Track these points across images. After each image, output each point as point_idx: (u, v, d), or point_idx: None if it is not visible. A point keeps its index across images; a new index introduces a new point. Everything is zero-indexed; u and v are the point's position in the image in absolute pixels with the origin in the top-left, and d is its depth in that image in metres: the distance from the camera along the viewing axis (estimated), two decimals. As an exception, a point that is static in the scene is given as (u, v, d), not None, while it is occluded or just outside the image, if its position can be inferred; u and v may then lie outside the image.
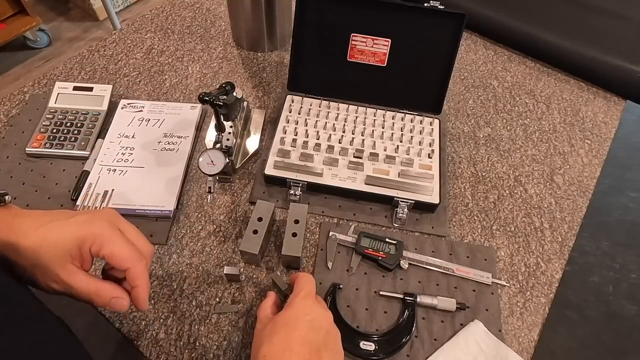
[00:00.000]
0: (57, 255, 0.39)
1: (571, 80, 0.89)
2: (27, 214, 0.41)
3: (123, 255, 0.41)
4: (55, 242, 0.39)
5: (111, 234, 0.41)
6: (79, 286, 0.40)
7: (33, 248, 0.38)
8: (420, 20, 0.69)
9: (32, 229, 0.39)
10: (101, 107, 0.74)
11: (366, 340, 0.54)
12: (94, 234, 0.40)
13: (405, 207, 0.65)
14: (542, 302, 0.60)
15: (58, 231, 0.40)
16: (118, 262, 0.41)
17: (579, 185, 0.73)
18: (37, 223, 0.40)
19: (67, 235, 0.39)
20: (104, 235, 0.40)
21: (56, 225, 0.40)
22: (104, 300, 0.41)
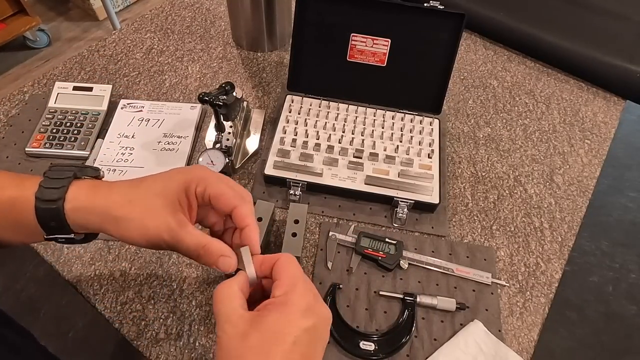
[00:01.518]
0: (166, 204, 0.38)
1: (571, 80, 0.89)
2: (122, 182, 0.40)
3: (229, 194, 0.39)
4: (163, 191, 0.38)
5: (214, 175, 0.40)
6: (189, 239, 0.38)
7: (142, 199, 0.38)
8: (420, 20, 0.69)
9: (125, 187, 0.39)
10: (101, 107, 0.74)
11: (366, 340, 0.54)
12: (198, 176, 0.39)
13: (405, 207, 0.65)
14: (541, 302, 0.60)
15: (161, 180, 0.39)
16: (225, 202, 0.39)
17: (579, 185, 0.73)
18: (134, 182, 0.39)
19: (172, 182, 0.39)
20: (208, 177, 0.39)
21: (158, 177, 0.39)
22: (212, 257, 0.38)
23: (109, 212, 0.38)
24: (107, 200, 0.38)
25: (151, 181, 0.39)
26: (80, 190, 0.38)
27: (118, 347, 1.12)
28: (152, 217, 0.37)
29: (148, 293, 0.58)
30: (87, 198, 0.38)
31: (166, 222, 0.37)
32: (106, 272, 0.60)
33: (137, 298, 0.58)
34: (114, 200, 0.38)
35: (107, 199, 0.38)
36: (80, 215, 0.38)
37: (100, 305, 0.57)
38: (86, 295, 0.58)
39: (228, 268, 0.38)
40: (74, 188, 0.38)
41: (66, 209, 0.37)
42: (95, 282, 0.59)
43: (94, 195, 0.38)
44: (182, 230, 0.38)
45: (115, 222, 0.38)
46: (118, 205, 0.38)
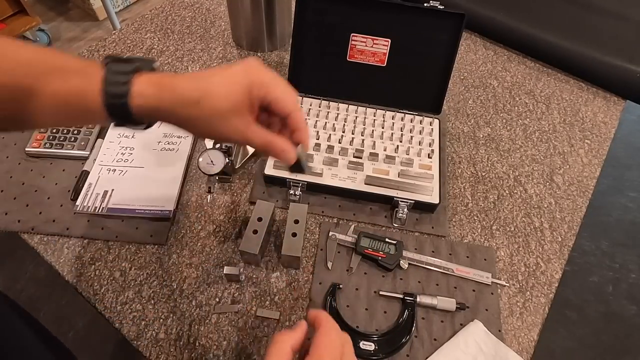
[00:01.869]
0: (232, 107, 0.39)
1: (571, 80, 0.89)
2: (181, 75, 0.40)
3: (287, 99, 0.41)
4: (229, 95, 0.39)
5: (275, 79, 0.41)
6: (256, 138, 0.41)
7: (208, 100, 0.39)
8: (420, 20, 0.69)
9: (191, 84, 0.39)
10: (101, 107, 0.74)
11: (366, 340, 0.54)
12: (260, 79, 0.40)
13: (405, 207, 0.65)
14: (541, 302, 0.60)
15: (227, 84, 0.40)
16: (283, 106, 0.41)
17: (579, 185, 0.73)
18: (201, 79, 0.40)
19: (237, 86, 0.40)
20: (269, 81, 0.40)
21: (223, 79, 0.40)
22: (276, 151, 0.42)
23: (177, 112, 0.39)
24: (174, 100, 0.38)
25: (217, 83, 0.39)
26: (147, 88, 0.38)
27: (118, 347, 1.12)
28: (220, 121, 0.39)
29: (148, 293, 0.58)
30: (154, 96, 0.38)
31: (233, 124, 0.40)
32: (106, 272, 0.60)
33: (137, 298, 0.58)
34: (181, 100, 0.38)
35: (173, 98, 0.38)
36: (147, 112, 0.38)
37: (100, 305, 0.57)
38: (86, 295, 0.58)
39: (289, 161, 0.43)
40: (138, 84, 0.38)
41: (133, 105, 0.37)
42: (95, 282, 0.59)
43: (160, 94, 0.38)
44: (248, 130, 0.41)
45: (183, 121, 0.40)
46: (186, 105, 0.38)
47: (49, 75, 0.37)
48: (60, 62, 0.38)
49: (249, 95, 0.40)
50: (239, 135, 0.41)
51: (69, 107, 0.38)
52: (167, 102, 0.38)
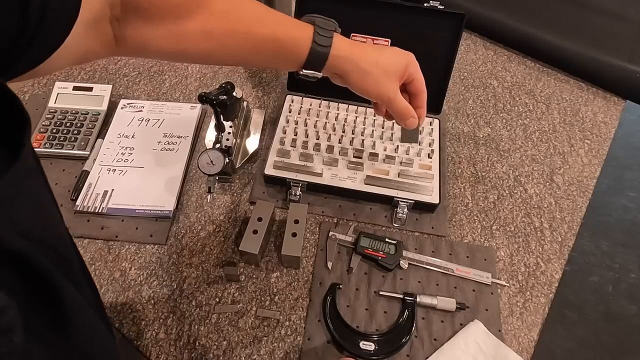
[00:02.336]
0: (395, 75, 0.52)
1: (571, 80, 0.89)
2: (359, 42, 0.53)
3: (423, 82, 0.55)
4: (395, 65, 0.52)
5: (417, 64, 0.55)
6: (401, 103, 0.53)
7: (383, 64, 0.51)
8: (420, 21, 0.69)
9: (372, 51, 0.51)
10: (101, 107, 0.74)
11: (366, 340, 0.54)
12: (414, 62, 0.54)
13: (405, 207, 0.65)
14: (541, 302, 0.60)
15: (395, 57, 0.53)
16: (419, 85, 0.55)
17: (579, 185, 0.73)
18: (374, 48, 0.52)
19: (402, 61, 0.53)
20: (416, 64, 0.54)
21: (392, 53, 0.53)
22: (410, 114, 0.54)
23: (361, 64, 0.50)
24: (362, 55, 0.50)
25: (389, 54, 0.53)
26: (343, 43, 0.50)
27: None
28: (386, 81, 0.52)
29: (148, 293, 0.58)
30: (348, 49, 0.50)
31: (392, 86, 0.52)
32: (106, 272, 0.60)
33: (137, 298, 0.58)
34: (366, 57, 0.50)
35: (362, 54, 0.50)
36: (338, 61, 0.49)
37: (100, 305, 0.57)
38: (86, 295, 0.58)
39: (412, 125, 0.55)
40: (337, 39, 0.49)
41: (330, 55, 0.48)
42: (95, 282, 0.59)
43: (352, 49, 0.50)
44: (397, 95, 0.53)
45: (361, 73, 0.51)
46: (369, 62, 0.50)
47: (275, 25, 0.48)
48: (277, 15, 0.49)
49: (405, 69, 0.53)
50: (391, 93, 0.53)
51: (284, 49, 0.49)
52: (356, 55, 0.50)
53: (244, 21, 0.46)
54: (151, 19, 0.41)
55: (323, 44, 0.49)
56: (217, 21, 0.45)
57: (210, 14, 0.44)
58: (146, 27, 0.41)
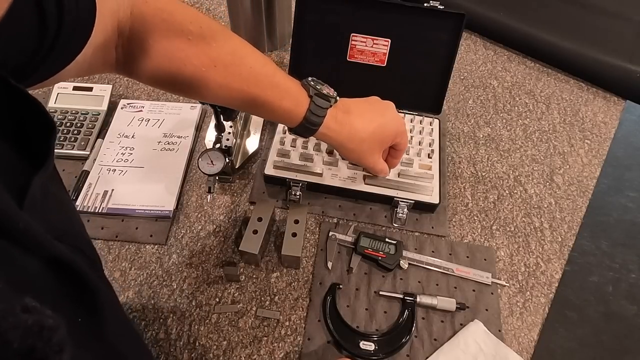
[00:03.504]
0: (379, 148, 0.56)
1: (571, 80, 0.89)
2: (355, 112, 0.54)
3: (406, 144, 0.60)
4: (381, 142, 0.56)
5: (404, 128, 0.58)
6: (380, 165, 0.59)
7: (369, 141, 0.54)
8: (420, 21, 0.69)
9: (363, 127, 0.53)
10: (101, 107, 0.74)
11: (366, 340, 0.54)
12: (402, 130, 0.57)
13: (405, 207, 0.65)
14: (541, 302, 0.60)
15: (382, 132, 0.55)
16: (401, 148, 0.59)
17: (579, 185, 0.73)
18: (366, 121, 0.54)
19: (388, 137, 0.56)
20: (404, 132, 0.58)
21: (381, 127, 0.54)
22: (383, 174, 0.61)
23: (347, 145, 0.54)
24: (350, 136, 0.53)
25: (377, 126, 0.54)
26: (333, 123, 0.51)
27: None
28: (369, 155, 0.56)
29: (148, 293, 0.58)
30: (336, 129, 0.51)
31: (374, 158, 0.57)
32: (106, 272, 0.60)
33: (137, 298, 0.58)
34: (354, 137, 0.53)
35: (350, 135, 0.53)
36: (325, 137, 0.52)
37: (100, 305, 0.57)
38: (86, 295, 0.58)
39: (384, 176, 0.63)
40: (328, 118, 0.50)
41: (319, 132, 0.51)
42: (95, 282, 0.59)
43: (341, 130, 0.52)
44: (379, 161, 0.58)
45: (345, 150, 0.55)
46: (356, 142, 0.53)
47: (270, 89, 0.48)
48: (277, 79, 0.49)
49: (393, 140, 0.57)
50: (371, 163, 0.57)
51: (274, 115, 0.50)
52: (343, 136, 0.52)
53: (241, 78, 0.46)
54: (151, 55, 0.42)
55: (314, 122, 0.50)
56: (216, 73, 0.45)
57: (212, 66, 0.44)
58: (145, 59, 0.42)
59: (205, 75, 0.44)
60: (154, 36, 0.41)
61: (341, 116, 0.52)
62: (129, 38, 0.41)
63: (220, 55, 0.45)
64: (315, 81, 0.53)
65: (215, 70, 0.44)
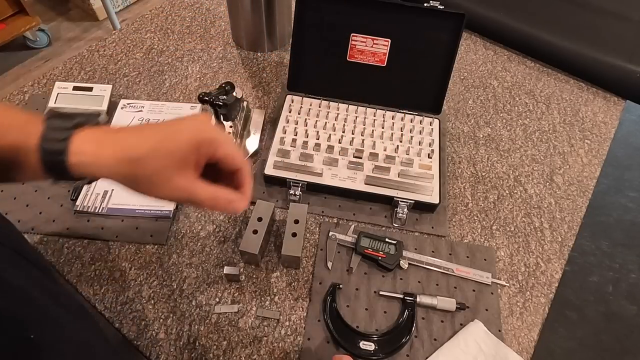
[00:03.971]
0: (176, 164, 0.38)
1: (571, 80, 0.89)
2: (126, 129, 0.38)
3: (236, 155, 0.41)
4: (173, 152, 0.38)
5: (223, 136, 0.40)
6: (202, 194, 0.39)
7: (150, 158, 0.37)
8: (420, 21, 0.69)
9: (137, 142, 0.38)
10: (101, 107, 0.74)
11: (366, 340, 0.54)
12: (210, 137, 0.39)
13: (405, 207, 0.65)
14: (541, 302, 0.60)
15: (171, 140, 0.38)
16: (231, 162, 0.41)
17: (579, 185, 0.73)
18: (144, 136, 0.38)
19: (183, 143, 0.38)
20: (218, 138, 0.39)
21: (167, 133, 0.39)
22: (222, 205, 0.40)
23: (118, 170, 0.37)
24: (115, 157, 0.36)
25: (161, 138, 0.38)
26: (86, 144, 0.36)
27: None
28: (164, 178, 0.38)
29: (148, 293, 0.58)
30: (94, 154, 0.36)
31: (177, 182, 0.38)
32: (106, 272, 0.60)
33: (137, 298, 0.58)
34: (121, 157, 0.36)
35: (114, 155, 0.36)
36: (86, 169, 0.37)
37: (100, 305, 0.57)
38: (86, 295, 0.58)
39: (237, 211, 0.41)
40: (77, 140, 0.36)
41: (71, 162, 0.36)
42: (95, 282, 0.59)
43: (99, 151, 0.36)
44: (193, 187, 0.39)
45: (124, 179, 0.38)
46: (126, 162, 0.37)
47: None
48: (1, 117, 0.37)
49: (196, 152, 0.38)
50: (184, 193, 0.39)
51: (4, 161, 0.37)
52: (106, 158, 0.36)
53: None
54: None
55: (53, 149, 0.36)
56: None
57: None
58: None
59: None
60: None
61: (103, 136, 0.37)
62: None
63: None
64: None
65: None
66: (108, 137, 0.37)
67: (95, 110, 0.74)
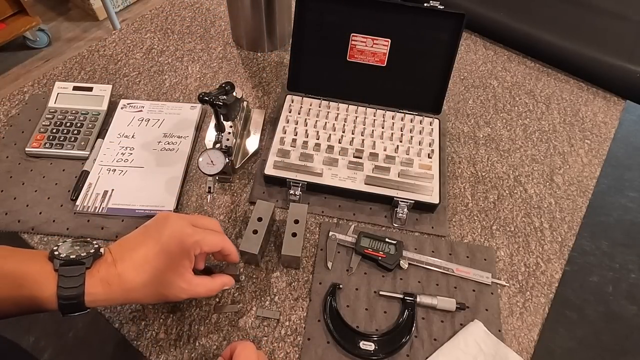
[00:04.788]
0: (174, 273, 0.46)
1: (571, 80, 0.89)
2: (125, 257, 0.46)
3: (216, 244, 0.50)
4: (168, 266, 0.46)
5: (201, 235, 0.48)
6: (201, 290, 0.49)
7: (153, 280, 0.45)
8: (420, 20, 0.69)
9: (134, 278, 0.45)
10: (101, 107, 0.74)
11: (366, 340, 0.54)
12: (193, 241, 0.47)
13: (405, 207, 0.65)
14: (541, 302, 0.60)
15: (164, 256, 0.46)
16: (214, 249, 0.50)
17: (579, 185, 0.73)
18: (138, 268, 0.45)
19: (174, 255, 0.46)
20: (198, 241, 0.47)
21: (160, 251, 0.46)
22: (217, 291, 0.52)
23: (129, 299, 0.46)
24: (122, 289, 0.44)
25: (155, 256, 0.46)
26: (97, 288, 0.43)
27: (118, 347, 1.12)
28: (167, 289, 0.47)
29: (148, 293, 0.58)
30: (105, 293, 0.44)
31: (178, 287, 0.47)
32: (106, 272, 0.60)
33: (137, 298, 0.58)
34: (129, 289, 0.45)
35: (123, 290, 0.44)
36: (100, 304, 0.44)
37: (100, 305, 0.57)
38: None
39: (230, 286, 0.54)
40: (90, 284, 0.43)
41: (86, 302, 0.43)
42: (95, 282, 0.59)
43: (110, 291, 0.44)
44: (192, 286, 0.48)
45: (136, 302, 0.51)
46: (135, 293, 0.45)
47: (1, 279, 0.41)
48: (9, 266, 0.42)
49: (188, 257, 0.47)
50: (185, 293, 0.48)
51: (23, 307, 0.43)
52: (117, 294, 0.44)
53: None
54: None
55: (71, 296, 0.42)
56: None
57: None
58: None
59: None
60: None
61: (106, 273, 0.44)
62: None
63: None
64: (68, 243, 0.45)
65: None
66: (113, 276, 0.44)
67: (96, 111, 0.74)
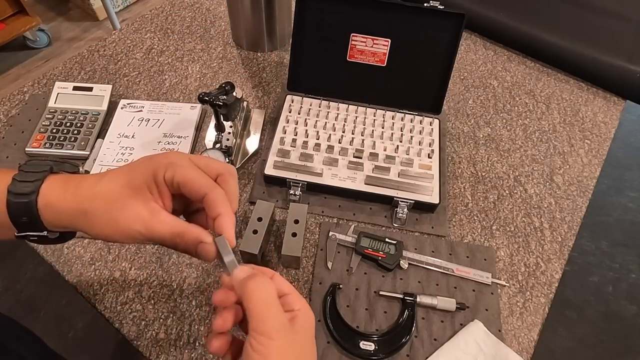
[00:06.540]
0: (133, 193, 0.36)
1: (571, 80, 0.89)
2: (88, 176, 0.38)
3: (198, 180, 0.36)
4: (130, 181, 0.36)
5: (185, 159, 0.37)
6: (163, 228, 0.35)
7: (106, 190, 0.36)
8: (420, 20, 0.69)
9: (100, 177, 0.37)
10: (101, 107, 0.74)
11: (366, 340, 0.54)
12: (166, 161, 0.36)
13: (405, 207, 0.65)
14: (541, 302, 0.60)
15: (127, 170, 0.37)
16: (193, 188, 0.36)
17: (579, 185, 0.73)
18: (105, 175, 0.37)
19: (138, 170, 0.36)
20: (176, 162, 0.36)
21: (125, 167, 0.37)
22: (190, 243, 0.36)
23: (77, 206, 0.36)
24: (76, 194, 0.36)
25: (118, 172, 0.37)
26: (54, 185, 0.36)
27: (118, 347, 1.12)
28: (120, 208, 0.35)
29: (148, 293, 0.58)
30: (59, 193, 0.36)
31: (135, 212, 0.35)
32: (106, 272, 0.60)
33: (137, 298, 0.58)
34: (81, 194, 0.36)
35: (75, 193, 0.36)
36: (51, 211, 0.36)
37: (100, 305, 0.57)
38: (86, 295, 0.58)
39: (208, 256, 0.36)
40: (48, 182, 0.36)
41: (39, 205, 0.35)
42: (95, 282, 0.59)
43: (64, 190, 0.36)
44: (154, 219, 0.35)
45: (84, 217, 0.36)
46: (85, 199, 0.36)
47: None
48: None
49: (154, 179, 0.36)
50: (143, 225, 0.35)
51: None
52: (69, 198, 0.36)
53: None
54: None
55: (22, 191, 0.36)
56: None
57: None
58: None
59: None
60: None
61: (68, 177, 0.38)
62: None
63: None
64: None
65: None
66: (74, 179, 0.37)
67: (96, 111, 0.74)
